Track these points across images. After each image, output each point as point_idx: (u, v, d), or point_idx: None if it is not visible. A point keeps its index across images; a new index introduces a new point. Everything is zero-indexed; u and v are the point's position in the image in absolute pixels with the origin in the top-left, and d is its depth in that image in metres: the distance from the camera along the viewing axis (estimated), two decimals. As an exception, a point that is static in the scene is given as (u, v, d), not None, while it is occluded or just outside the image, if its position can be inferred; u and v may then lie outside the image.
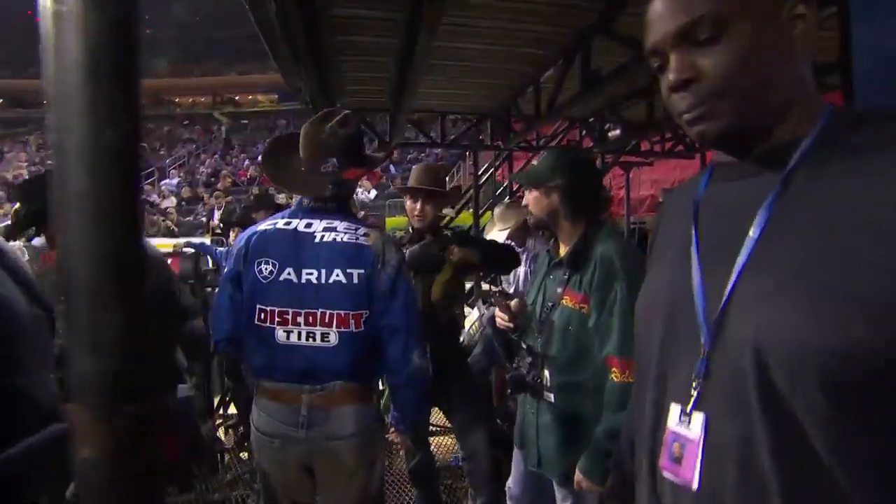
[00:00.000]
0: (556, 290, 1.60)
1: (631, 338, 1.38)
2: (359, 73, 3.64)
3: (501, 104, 4.37)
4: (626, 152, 5.62)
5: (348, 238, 1.47)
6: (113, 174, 0.36)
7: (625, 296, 1.43)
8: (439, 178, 2.45)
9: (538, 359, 1.60)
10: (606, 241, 1.55)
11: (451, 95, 4.27)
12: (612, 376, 1.43)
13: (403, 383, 1.53)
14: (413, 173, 2.44)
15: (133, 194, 0.38)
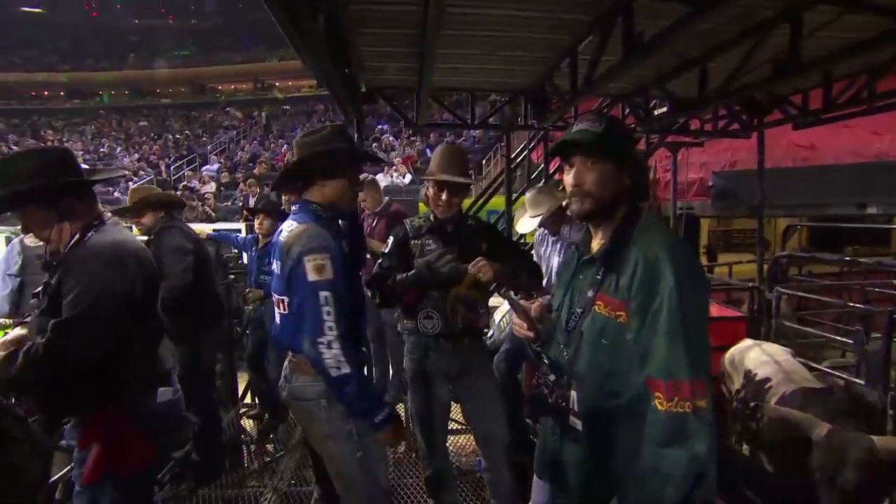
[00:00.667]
0: (586, 294, 1.33)
1: (680, 357, 1.15)
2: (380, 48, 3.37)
3: (536, 80, 4.02)
4: (674, 132, 5.14)
5: (280, 235, 1.73)
6: None
7: (674, 304, 1.17)
8: (466, 166, 2.23)
9: (563, 376, 1.33)
10: (650, 234, 1.28)
11: (481, 72, 3.95)
12: (656, 403, 1.17)
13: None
14: (438, 158, 2.20)
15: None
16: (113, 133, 21.46)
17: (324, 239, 1.65)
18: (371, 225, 3.90)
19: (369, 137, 16.01)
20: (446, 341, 2.18)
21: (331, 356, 1.56)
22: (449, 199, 2.13)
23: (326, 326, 1.56)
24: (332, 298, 1.58)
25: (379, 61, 3.63)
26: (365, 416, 1.65)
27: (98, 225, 1.60)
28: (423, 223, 2.25)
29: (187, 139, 19.16)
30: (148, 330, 1.66)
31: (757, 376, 2.85)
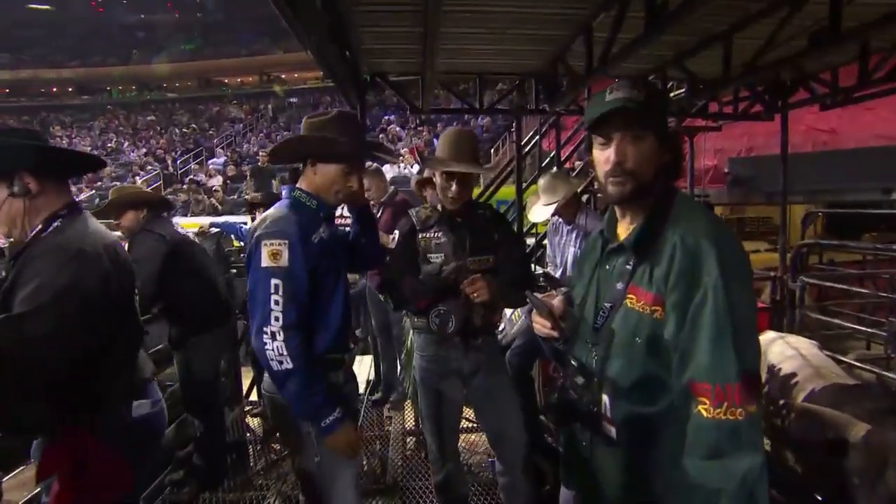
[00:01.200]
0: (615, 286, 1.18)
1: (729, 357, 1.02)
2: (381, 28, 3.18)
3: (547, 61, 3.81)
4: (692, 115, 4.90)
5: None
6: None
7: (720, 297, 1.03)
8: (476, 151, 2.06)
9: (593, 378, 1.19)
10: (689, 218, 1.13)
11: (489, 54, 3.75)
12: (701, 410, 1.03)
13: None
14: (447, 145, 2.02)
15: None
16: (120, 128, 21.46)
17: (286, 224, 1.55)
18: (376, 216, 3.75)
19: (376, 128, 15.87)
20: (459, 339, 2.03)
21: (273, 348, 1.47)
22: (460, 190, 1.97)
23: (273, 316, 1.47)
24: (283, 287, 1.49)
25: (381, 43, 3.44)
26: (310, 418, 1.54)
27: (66, 215, 1.39)
28: (430, 214, 2.08)
29: (193, 133, 19.10)
30: (123, 334, 1.45)
31: (782, 371, 2.66)
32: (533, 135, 5.85)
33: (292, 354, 1.47)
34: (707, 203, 7.64)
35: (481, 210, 2.12)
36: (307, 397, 1.51)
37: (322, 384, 1.54)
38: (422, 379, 2.13)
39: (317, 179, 1.66)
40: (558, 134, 5.43)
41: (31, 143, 1.39)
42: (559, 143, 5.39)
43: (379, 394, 4.06)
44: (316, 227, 1.62)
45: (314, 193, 1.66)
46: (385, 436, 3.51)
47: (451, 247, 2.01)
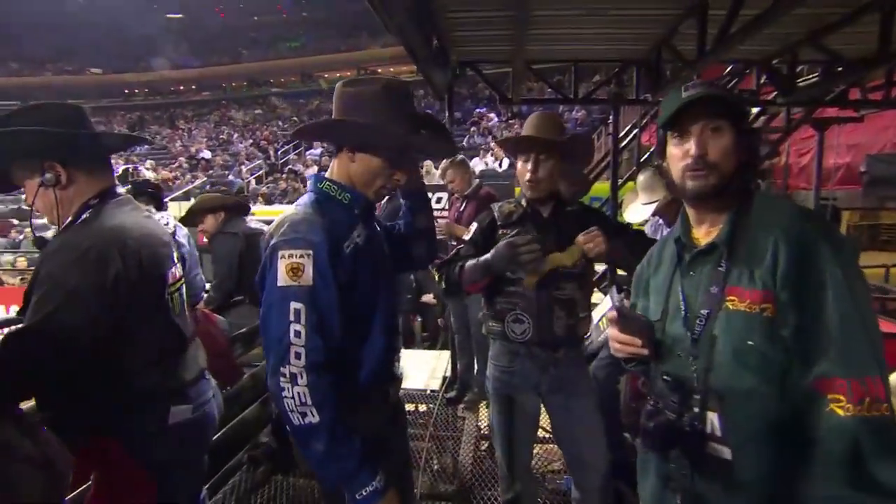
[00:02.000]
0: (709, 291, 1.09)
1: (863, 347, 0.93)
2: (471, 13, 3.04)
3: (651, 46, 3.48)
4: (825, 103, 4.25)
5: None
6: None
7: (841, 284, 0.95)
8: (558, 130, 1.84)
9: (694, 394, 1.08)
10: (779, 211, 1.07)
11: (586, 39, 3.49)
12: (834, 408, 0.92)
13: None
14: (526, 125, 1.87)
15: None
16: (231, 121, 23.32)
17: (310, 230, 1.18)
18: (459, 209, 3.66)
19: (467, 121, 15.84)
20: (539, 350, 1.85)
21: (292, 395, 1.11)
22: (535, 167, 1.78)
23: (293, 352, 1.12)
24: (306, 313, 1.13)
25: (469, 29, 3.31)
26: (334, 486, 1.17)
27: (97, 204, 1.30)
28: (513, 209, 1.91)
29: (294, 125, 20.28)
30: (144, 336, 1.31)
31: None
32: (631, 128, 5.44)
33: (318, 403, 1.11)
34: (834, 207, 6.71)
35: (570, 206, 1.91)
36: (337, 460, 1.13)
37: (357, 442, 1.15)
38: (494, 390, 1.98)
39: (354, 169, 1.30)
40: (661, 126, 4.98)
41: (59, 132, 1.27)
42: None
43: (454, 392, 3.99)
44: (349, 231, 1.26)
45: (348, 184, 1.30)
46: (457, 436, 3.42)
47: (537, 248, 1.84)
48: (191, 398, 1.41)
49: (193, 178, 15.03)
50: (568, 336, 1.84)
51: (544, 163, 1.79)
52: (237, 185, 8.14)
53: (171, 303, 1.40)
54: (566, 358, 1.86)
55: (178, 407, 1.36)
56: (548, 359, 1.85)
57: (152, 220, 1.44)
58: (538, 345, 1.83)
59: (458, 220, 3.63)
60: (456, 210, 3.71)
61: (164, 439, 1.33)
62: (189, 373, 1.43)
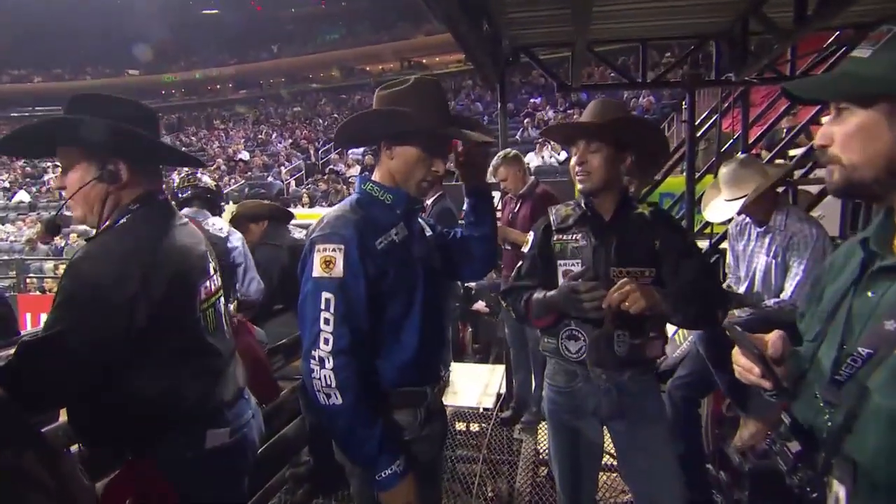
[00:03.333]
0: (882, 326, 0.86)
1: None
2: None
3: (734, 17, 3.32)
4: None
5: None
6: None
7: None
8: (619, 112, 1.77)
9: (819, 453, 0.93)
10: None
11: (656, 12, 3.38)
12: None
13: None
14: (583, 114, 1.82)
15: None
16: (271, 120, 24.24)
17: (343, 225, 1.39)
18: (513, 210, 3.63)
19: (521, 112, 15.75)
20: (599, 371, 1.77)
21: (320, 377, 1.30)
22: (581, 160, 1.72)
23: (322, 338, 1.31)
24: (335, 303, 1.32)
25: (523, 10, 3.28)
26: (359, 465, 1.39)
27: (137, 209, 1.35)
28: (571, 212, 1.86)
29: (335, 123, 20.81)
30: (170, 356, 1.34)
31: None
32: (710, 113, 5.23)
33: (342, 386, 1.30)
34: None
35: (640, 209, 1.80)
36: (358, 442, 1.33)
37: (379, 427, 1.33)
38: (550, 413, 1.93)
39: (394, 165, 1.47)
40: (745, 110, 4.77)
41: (135, 133, 1.34)
42: (746, 121, 4.73)
43: (509, 411, 3.95)
44: (385, 228, 1.43)
45: (390, 185, 1.48)
46: (513, 461, 3.38)
47: (590, 252, 1.76)
48: (228, 420, 1.44)
49: (231, 180, 15.71)
50: (632, 358, 1.74)
51: (594, 152, 1.71)
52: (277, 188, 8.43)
53: (206, 320, 1.44)
54: (631, 383, 1.78)
55: (215, 430, 1.40)
56: (609, 381, 1.78)
57: (188, 230, 1.48)
58: (596, 366, 1.77)
59: (512, 222, 3.60)
60: (510, 211, 3.68)
61: (200, 465, 1.36)
62: (227, 392, 1.47)
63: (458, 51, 2.79)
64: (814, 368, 0.98)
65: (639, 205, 1.82)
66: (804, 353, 1.02)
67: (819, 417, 0.94)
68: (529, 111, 16.08)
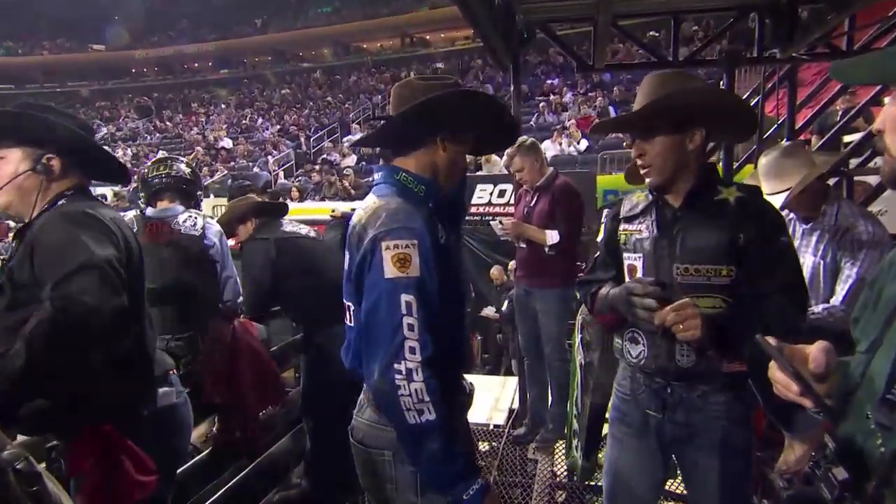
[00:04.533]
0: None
1: None
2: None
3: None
4: None
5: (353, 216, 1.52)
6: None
7: None
8: (668, 86, 1.69)
9: (868, 480, 0.90)
10: None
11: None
12: None
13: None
14: (638, 93, 1.76)
15: None
16: (256, 103, 24.32)
17: (410, 219, 1.37)
18: (529, 204, 3.64)
19: (535, 95, 15.76)
20: (663, 381, 1.73)
21: (410, 392, 1.27)
22: (641, 146, 1.68)
23: (407, 346, 1.28)
24: (418, 306, 1.30)
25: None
26: (444, 489, 1.35)
27: (72, 195, 1.64)
28: (642, 198, 1.82)
29: (328, 106, 20.85)
30: (139, 314, 1.66)
31: None
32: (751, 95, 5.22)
33: (435, 400, 1.28)
34: None
35: (724, 193, 1.67)
36: (451, 460, 1.32)
37: (456, 440, 1.35)
38: (611, 421, 1.93)
39: (443, 158, 1.51)
40: (793, 91, 4.73)
41: (69, 127, 1.63)
42: (793, 103, 4.70)
43: (523, 428, 3.96)
44: (435, 224, 1.46)
45: (426, 176, 1.51)
46: (527, 483, 3.39)
47: (651, 245, 1.72)
48: (172, 382, 1.82)
49: (212, 171, 15.79)
50: (702, 371, 1.67)
51: (650, 141, 1.67)
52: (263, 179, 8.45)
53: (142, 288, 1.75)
54: (702, 401, 1.70)
55: (165, 389, 1.76)
56: (675, 396, 1.73)
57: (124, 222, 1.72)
58: (657, 375, 1.74)
59: (528, 218, 3.61)
60: (525, 205, 3.68)
61: (155, 422, 1.70)
62: (165, 363, 1.87)
63: (465, 26, 2.77)
64: (865, 384, 0.96)
65: (724, 189, 1.68)
66: (855, 366, 1.00)
67: (870, 441, 0.92)
68: (545, 91, 16.10)
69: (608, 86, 15.18)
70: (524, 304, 3.76)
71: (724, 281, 1.62)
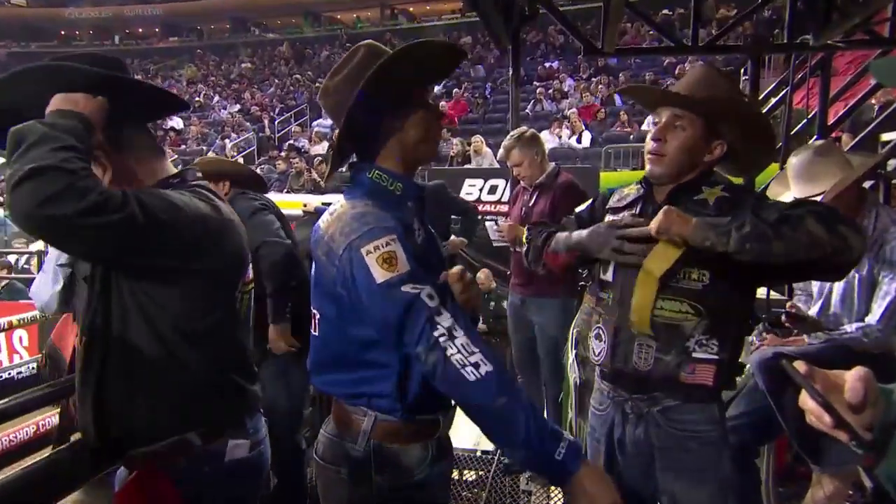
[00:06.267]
0: None
1: None
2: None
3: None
4: None
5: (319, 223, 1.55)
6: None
7: None
8: (715, 87, 1.76)
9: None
10: None
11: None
12: None
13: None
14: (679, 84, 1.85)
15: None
16: (211, 78, 24.13)
17: (379, 218, 1.39)
18: (527, 203, 3.65)
19: (531, 79, 15.84)
20: (622, 391, 1.84)
21: (458, 348, 1.27)
22: (662, 134, 1.73)
23: (432, 314, 1.30)
24: (420, 285, 1.32)
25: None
26: (534, 444, 1.27)
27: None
28: (633, 191, 1.93)
29: (296, 85, 20.75)
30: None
31: None
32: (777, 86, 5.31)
33: (484, 350, 1.28)
34: None
35: (701, 194, 1.75)
36: (524, 411, 1.27)
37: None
38: (589, 441, 2.01)
39: (408, 137, 1.50)
40: (826, 82, 4.78)
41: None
42: (825, 96, 4.78)
43: (515, 457, 3.98)
44: (411, 222, 1.50)
45: (399, 172, 1.52)
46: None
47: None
48: (248, 433, 1.59)
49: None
50: (660, 378, 1.74)
51: (676, 130, 1.72)
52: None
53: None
54: (664, 416, 1.78)
55: (238, 441, 1.55)
56: (634, 410, 1.82)
57: None
58: (615, 380, 1.84)
59: (526, 218, 3.61)
60: (523, 204, 3.69)
61: (216, 482, 1.52)
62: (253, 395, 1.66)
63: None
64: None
65: (707, 189, 1.77)
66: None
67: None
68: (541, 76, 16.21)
69: (614, 71, 15.31)
70: (519, 314, 3.78)
71: (695, 286, 1.69)
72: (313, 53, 25.11)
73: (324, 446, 1.57)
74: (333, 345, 1.51)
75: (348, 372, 1.49)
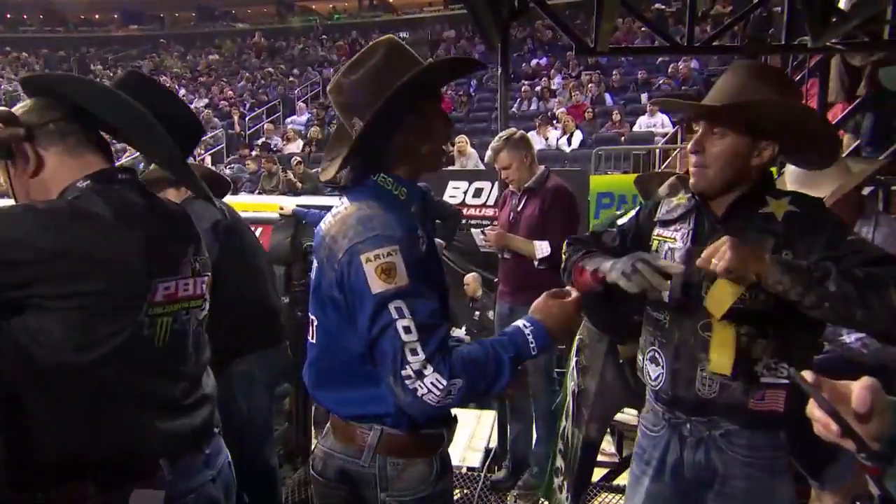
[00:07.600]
0: None
1: None
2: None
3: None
4: None
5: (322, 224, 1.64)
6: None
7: None
8: (780, 88, 1.74)
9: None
10: None
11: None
12: None
13: None
14: (718, 82, 1.84)
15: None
16: (175, 70, 23.90)
17: (386, 225, 1.45)
18: (515, 208, 3.70)
19: (518, 77, 15.90)
20: (683, 416, 1.82)
21: (429, 389, 1.37)
22: (700, 145, 1.70)
23: (408, 350, 1.37)
24: (410, 308, 1.40)
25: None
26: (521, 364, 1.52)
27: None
28: (683, 201, 1.86)
29: (268, 79, 20.66)
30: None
31: None
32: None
33: (453, 374, 1.38)
34: None
35: (767, 207, 1.70)
36: (500, 370, 1.46)
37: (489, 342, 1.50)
38: (633, 457, 2.01)
39: (419, 147, 1.57)
40: (824, 85, 4.91)
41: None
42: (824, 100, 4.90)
43: (502, 471, 4.02)
44: (416, 232, 1.52)
45: (405, 177, 1.58)
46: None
47: (683, 260, 1.75)
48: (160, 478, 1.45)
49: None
50: (722, 402, 1.71)
51: (717, 137, 1.68)
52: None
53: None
54: (729, 443, 1.75)
55: (144, 491, 1.41)
56: (694, 435, 1.80)
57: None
58: (674, 404, 1.82)
59: (515, 223, 3.66)
60: (511, 210, 3.73)
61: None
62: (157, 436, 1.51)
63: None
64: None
65: (773, 200, 1.71)
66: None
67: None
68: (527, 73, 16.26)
69: (605, 68, 15.42)
70: (507, 323, 3.79)
71: (760, 306, 1.63)
72: (287, 45, 24.99)
73: (323, 462, 1.60)
74: (332, 355, 1.56)
75: (353, 389, 1.53)
